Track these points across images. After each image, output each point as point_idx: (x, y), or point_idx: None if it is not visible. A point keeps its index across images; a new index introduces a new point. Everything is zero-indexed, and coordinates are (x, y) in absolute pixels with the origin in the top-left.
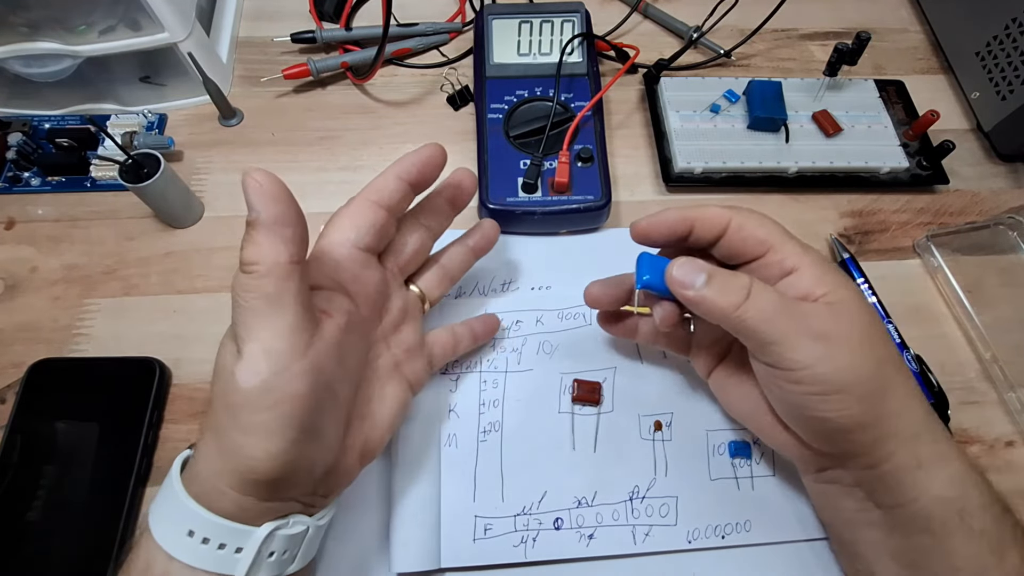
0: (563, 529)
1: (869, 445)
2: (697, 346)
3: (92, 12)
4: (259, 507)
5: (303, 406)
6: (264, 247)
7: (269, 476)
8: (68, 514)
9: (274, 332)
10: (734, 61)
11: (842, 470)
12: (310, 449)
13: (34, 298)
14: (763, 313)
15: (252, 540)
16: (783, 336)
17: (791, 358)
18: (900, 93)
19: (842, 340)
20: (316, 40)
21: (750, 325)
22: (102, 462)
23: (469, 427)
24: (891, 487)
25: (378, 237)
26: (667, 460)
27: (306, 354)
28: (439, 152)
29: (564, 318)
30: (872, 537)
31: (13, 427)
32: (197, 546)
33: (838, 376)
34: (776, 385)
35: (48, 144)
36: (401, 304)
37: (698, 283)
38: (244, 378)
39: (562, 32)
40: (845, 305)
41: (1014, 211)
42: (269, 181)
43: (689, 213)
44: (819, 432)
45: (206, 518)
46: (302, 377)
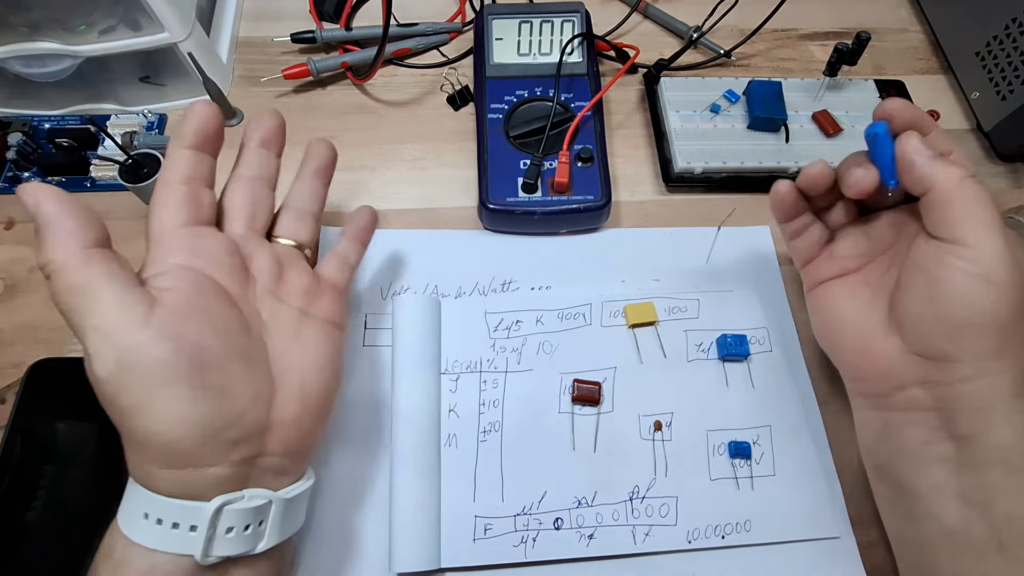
0: (563, 529)
1: (985, 351)
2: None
3: (92, 12)
4: (203, 477)
5: (174, 368)
6: (50, 244)
7: (183, 442)
8: (68, 514)
9: (102, 316)
10: (734, 61)
11: (924, 389)
12: (217, 405)
13: (34, 298)
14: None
15: (202, 516)
16: (983, 220)
17: (980, 236)
18: (900, 93)
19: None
20: (316, 40)
21: (963, 195)
22: (102, 462)
23: (469, 427)
24: (976, 410)
25: (193, 208)
26: (667, 460)
27: (148, 323)
28: (207, 107)
29: (564, 318)
30: (938, 475)
31: (13, 427)
32: (152, 527)
33: (1005, 275)
34: (940, 263)
35: (48, 144)
36: (270, 259)
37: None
38: (99, 369)
39: (562, 32)
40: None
41: (1014, 211)
42: (35, 187)
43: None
44: (949, 325)
45: (153, 499)
46: (154, 343)
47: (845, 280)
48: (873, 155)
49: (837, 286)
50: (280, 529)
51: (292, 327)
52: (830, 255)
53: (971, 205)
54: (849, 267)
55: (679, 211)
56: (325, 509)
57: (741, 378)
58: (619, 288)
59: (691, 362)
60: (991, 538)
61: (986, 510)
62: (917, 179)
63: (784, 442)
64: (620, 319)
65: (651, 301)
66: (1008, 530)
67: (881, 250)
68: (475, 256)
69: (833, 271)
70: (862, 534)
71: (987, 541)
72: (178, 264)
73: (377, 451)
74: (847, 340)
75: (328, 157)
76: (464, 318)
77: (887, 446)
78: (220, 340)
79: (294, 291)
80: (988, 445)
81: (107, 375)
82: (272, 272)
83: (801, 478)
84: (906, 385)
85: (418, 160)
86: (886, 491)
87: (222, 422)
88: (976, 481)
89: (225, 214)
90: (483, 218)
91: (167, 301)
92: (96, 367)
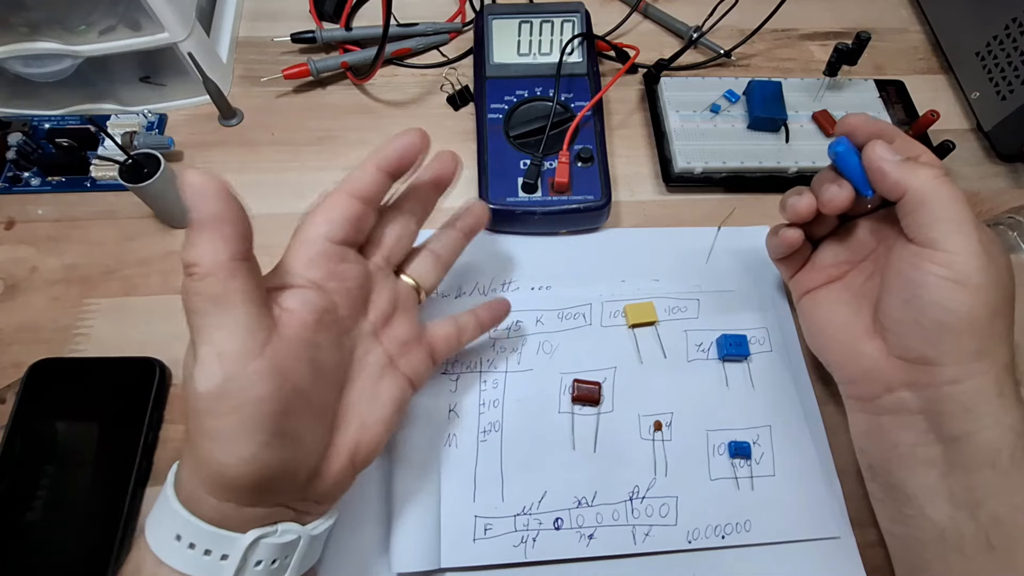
0: (563, 529)
1: (967, 354)
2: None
3: (92, 12)
4: (241, 513)
5: (269, 409)
6: (202, 247)
7: (242, 482)
8: (68, 514)
9: (224, 333)
10: (734, 61)
11: (910, 392)
12: (287, 453)
13: (34, 298)
14: (949, 194)
15: (236, 547)
16: (956, 220)
17: (953, 239)
18: (900, 93)
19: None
20: (316, 40)
21: (941, 196)
22: (102, 462)
23: (469, 427)
24: (963, 412)
25: (353, 229)
26: (667, 460)
27: (263, 354)
28: (420, 138)
29: (564, 318)
30: (928, 476)
31: (13, 427)
32: (184, 551)
33: (979, 276)
34: (916, 268)
35: (48, 144)
36: (390, 296)
37: (895, 157)
38: (200, 383)
39: (562, 32)
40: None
41: (1014, 211)
42: (203, 180)
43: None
44: (928, 329)
45: (192, 523)
46: (262, 379)
47: (831, 287)
48: (842, 171)
49: (823, 293)
50: (302, 563)
51: (376, 372)
52: (814, 265)
53: (944, 207)
54: (834, 275)
55: (679, 211)
56: None
57: (741, 378)
58: (619, 288)
59: (691, 362)
60: (980, 538)
61: (975, 511)
62: (891, 185)
63: (784, 442)
64: (620, 319)
65: (651, 301)
66: (997, 531)
67: (863, 256)
68: (475, 256)
69: (819, 280)
70: (862, 534)
71: (976, 541)
72: (312, 280)
73: None
74: (835, 345)
75: (482, 220)
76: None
77: (878, 447)
78: (313, 385)
79: (395, 337)
80: (976, 447)
81: (206, 391)
82: (386, 312)
83: (801, 478)
84: (893, 388)
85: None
86: (878, 490)
87: (283, 470)
88: (964, 483)
89: (372, 241)
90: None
91: (285, 330)
92: (199, 379)
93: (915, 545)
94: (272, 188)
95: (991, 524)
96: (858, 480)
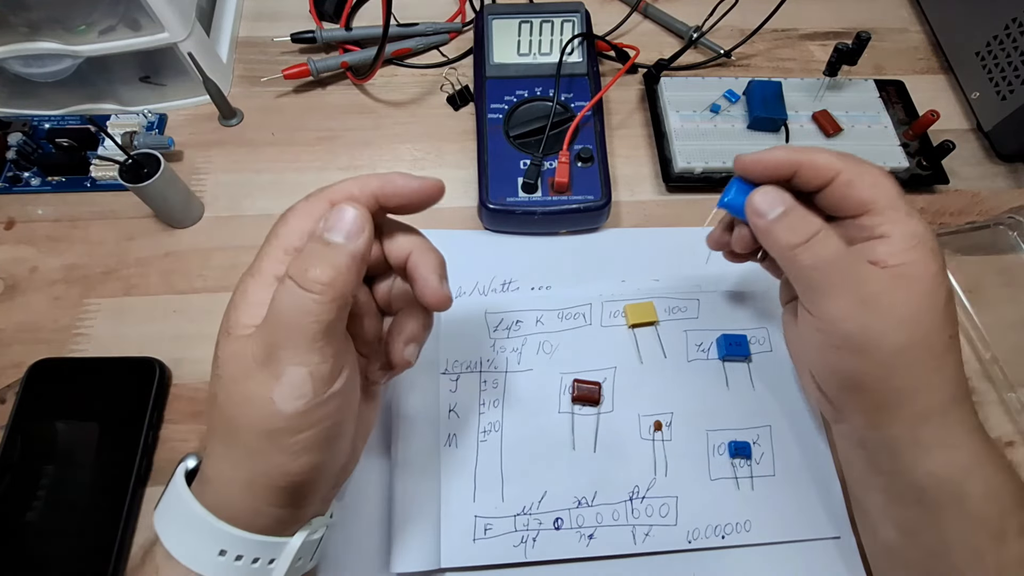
0: (563, 529)
1: (870, 409)
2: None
3: (92, 12)
4: (294, 516)
5: (333, 423)
6: (342, 272)
7: (308, 487)
8: (68, 514)
9: (323, 357)
10: (734, 61)
11: (848, 426)
12: (334, 455)
13: (34, 298)
14: (817, 260)
15: (287, 550)
16: (827, 287)
17: (823, 308)
18: (900, 93)
19: (885, 309)
20: (316, 40)
21: (800, 266)
22: (102, 462)
23: (469, 427)
24: (888, 453)
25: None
26: (667, 460)
27: (341, 376)
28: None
29: (564, 318)
30: (876, 500)
31: (13, 427)
32: (230, 564)
33: (861, 337)
34: (807, 327)
35: (48, 144)
36: None
37: (772, 215)
38: (286, 403)
39: (562, 32)
40: (914, 279)
41: (1014, 211)
42: (363, 215)
43: (797, 156)
44: (831, 382)
45: (242, 537)
46: (335, 397)
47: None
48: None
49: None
50: (319, 552)
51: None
52: None
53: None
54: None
55: (679, 211)
56: None
57: (741, 378)
58: (619, 288)
59: (691, 362)
60: (920, 564)
61: (914, 539)
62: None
63: (784, 442)
64: (620, 319)
65: (651, 301)
66: (931, 560)
67: None
68: (475, 256)
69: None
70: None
71: (920, 566)
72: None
73: (377, 451)
74: (796, 363)
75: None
76: (464, 318)
77: (844, 465)
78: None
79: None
80: (905, 484)
81: (289, 412)
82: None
83: (801, 478)
84: (835, 420)
85: (418, 160)
86: (851, 500)
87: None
88: (903, 514)
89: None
90: (483, 218)
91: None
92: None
93: (874, 558)
94: (272, 188)
95: (926, 555)
96: None
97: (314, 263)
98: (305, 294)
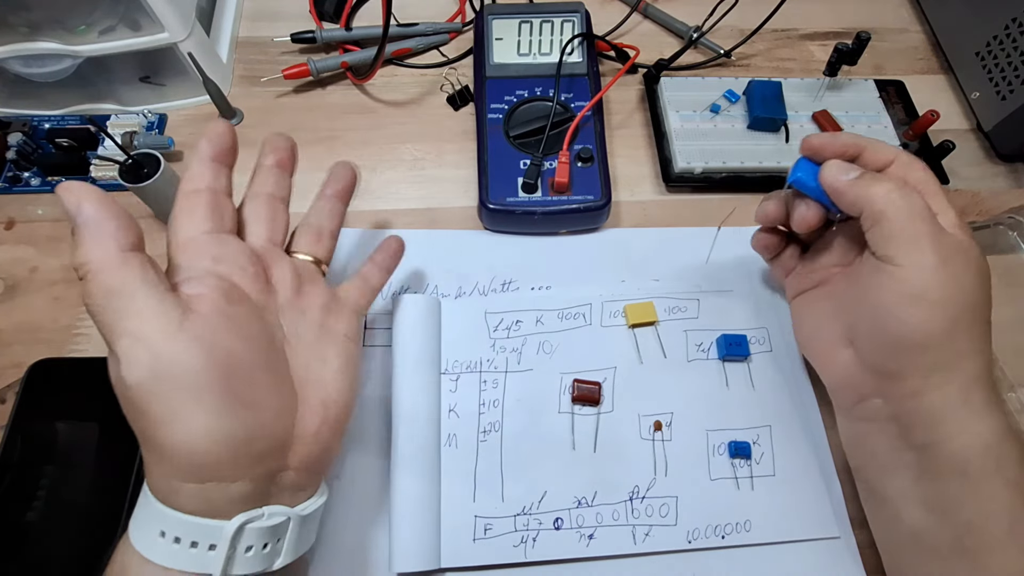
0: (563, 529)
1: (927, 367)
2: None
3: (92, 12)
4: (227, 493)
5: (206, 379)
6: (87, 246)
7: (210, 456)
8: (68, 514)
9: (137, 321)
10: (734, 61)
11: (882, 400)
12: (248, 419)
13: (34, 298)
14: (907, 208)
15: (223, 535)
16: (916, 236)
17: (909, 255)
18: (900, 93)
19: (960, 268)
20: (316, 40)
21: (893, 211)
22: (102, 462)
23: (469, 427)
24: (930, 421)
25: (217, 217)
26: (667, 460)
27: (182, 328)
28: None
29: (564, 318)
30: (901, 482)
31: (13, 427)
32: (169, 546)
33: (936, 292)
34: (876, 282)
35: (48, 144)
36: (291, 271)
37: (853, 175)
38: (131, 374)
39: (562, 32)
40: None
41: (1014, 211)
42: (77, 187)
43: (864, 140)
44: (888, 342)
45: (173, 517)
46: (188, 351)
47: (817, 291)
48: (808, 194)
49: (810, 297)
50: (296, 546)
51: (312, 340)
52: (804, 268)
53: (900, 222)
54: (819, 279)
55: (679, 211)
56: (325, 509)
57: (741, 378)
58: (619, 288)
59: (691, 362)
60: (954, 543)
61: (947, 517)
62: (849, 203)
63: (784, 442)
64: (620, 319)
65: (651, 301)
66: (969, 536)
67: (850, 261)
68: (475, 256)
69: (807, 283)
70: (862, 534)
71: (950, 546)
72: (205, 269)
73: (377, 451)
74: (814, 350)
75: (350, 180)
76: (464, 318)
77: (859, 451)
78: (248, 350)
79: (313, 305)
80: (945, 455)
81: (139, 381)
82: (293, 285)
83: (801, 478)
84: (866, 396)
85: (418, 160)
86: (863, 491)
87: (248, 434)
88: (936, 489)
89: (245, 227)
90: (483, 218)
91: (198, 307)
92: (127, 372)
93: (895, 547)
94: None
95: (964, 530)
96: None
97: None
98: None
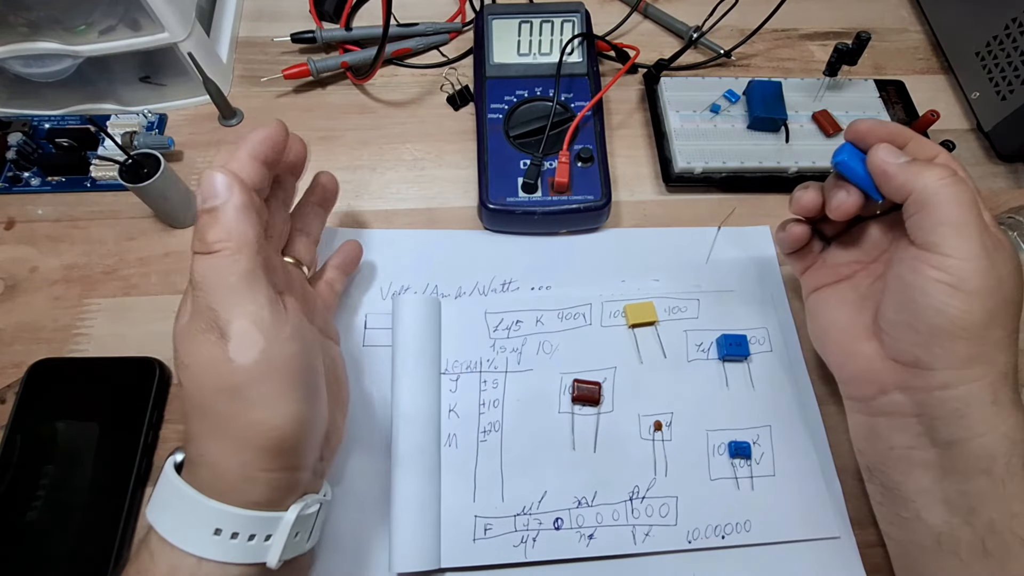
0: (563, 529)
1: (960, 359)
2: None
3: (92, 12)
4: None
5: (299, 366)
6: (233, 225)
7: (294, 440)
8: (68, 514)
9: (258, 305)
10: (734, 61)
11: (904, 395)
12: (315, 408)
13: (34, 298)
14: (955, 195)
15: (283, 524)
16: (958, 223)
17: (952, 242)
18: (900, 93)
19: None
20: (316, 40)
21: (940, 198)
22: (102, 462)
23: (469, 427)
24: (956, 417)
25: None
26: (667, 460)
27: (288, 320)
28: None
29: (564, 318)
30: (923, 480)
31: (13, 427)
32: (226, 542)
33: (977, 281)
34: (914, 270)
35: (48, 144)
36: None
37: (903, 159)
38: (241, 355)
39: (562, 32)
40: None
41: (1014, 211)
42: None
43: (909, 132)
44: (923, 332)
45: (234, 513)
46: (291, 340)
47: (838, 286)
48: (847, 178)
49: (831, 292)
50: (316, 532)
51: (318, 341)
52: (825, 263)
53: (947, 209)
54: (843, 274)
55: (679, 211)
56: (325, 510)
57: (741, 378)
58: (619, 288)
59: (691, 362)
60: (976, 543)
61: (970, 516)
62: (896, 187)
63: (784, 442)
64: (620, 319)
65: (651, 301)
66: (993, 537)
67: (874, 257)
68: (475, 256)
69: (828, 278)
70: (862, 534)
71: (972, 546)
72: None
73: (377, 451)
74: (833, 343)
75: (333, 192)
76: (464, 318)
77: (875, 448)
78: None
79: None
80: (970, 453)
81: (251, 362)
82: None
83: (801, 478)
84: (887, 390)
85: (418, 160)
86: (876, 492)
87: (319, 424)
88: (960, 488)
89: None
90: (483, 218)
91: (288, 302)
92: (238, 352)
93: (912, 548)
94: None
95: (987, 531)
96: (858, 480)
97: (207, 229)
98: (212, 257)
